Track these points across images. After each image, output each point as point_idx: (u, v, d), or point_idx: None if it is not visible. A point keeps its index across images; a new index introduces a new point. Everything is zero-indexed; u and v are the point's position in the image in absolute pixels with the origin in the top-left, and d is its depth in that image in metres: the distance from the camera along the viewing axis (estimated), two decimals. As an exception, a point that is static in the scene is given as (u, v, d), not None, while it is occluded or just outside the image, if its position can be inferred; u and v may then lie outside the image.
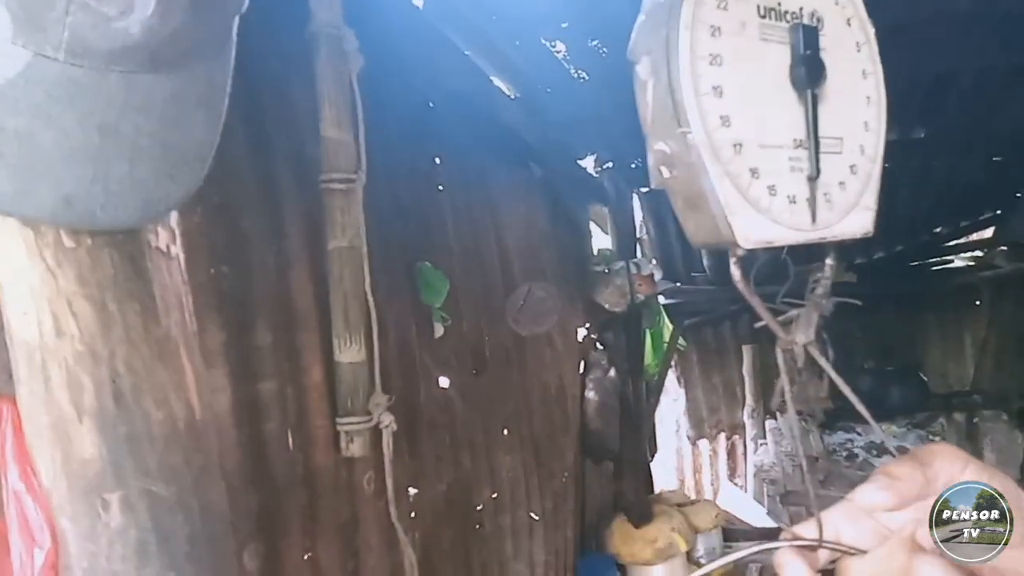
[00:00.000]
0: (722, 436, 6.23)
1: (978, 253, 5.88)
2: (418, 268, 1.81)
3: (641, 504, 3.49)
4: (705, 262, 5.24)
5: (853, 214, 0.76)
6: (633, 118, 0.66)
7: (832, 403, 5.12)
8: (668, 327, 4.13)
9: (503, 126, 2.69)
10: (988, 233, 5.74)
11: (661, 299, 4.44)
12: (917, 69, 3.03)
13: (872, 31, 0.78)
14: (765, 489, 5.19)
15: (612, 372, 3.43)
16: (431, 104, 2.16)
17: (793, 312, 0.70)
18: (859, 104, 0.77)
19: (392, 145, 1.79)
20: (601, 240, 4.14)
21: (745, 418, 6.03)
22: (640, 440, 3.71)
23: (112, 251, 0.65)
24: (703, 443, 6.18)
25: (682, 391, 6.06)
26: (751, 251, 0.65)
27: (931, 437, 5.31)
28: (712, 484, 6.17)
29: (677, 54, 0.62)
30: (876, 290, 5.09)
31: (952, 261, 5.95)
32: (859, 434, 5.36)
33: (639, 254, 4.21)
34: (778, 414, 5.54)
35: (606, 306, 3.48)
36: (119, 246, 0.65)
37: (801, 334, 0.70)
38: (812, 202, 0.70)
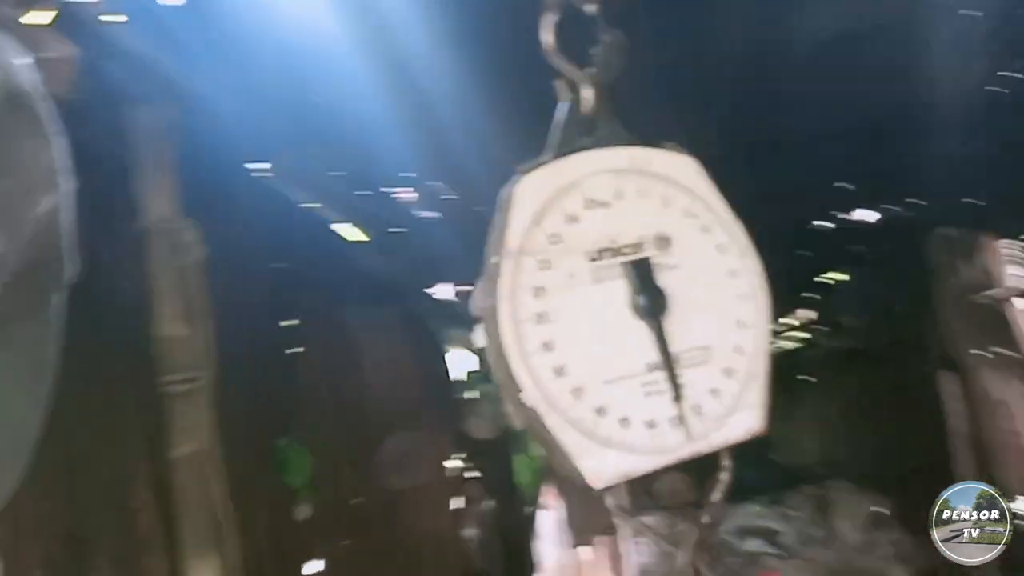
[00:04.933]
0: (605, 539, 6.21)
1: (805, 335, 6.49)
2: (278, 448, 1.70)
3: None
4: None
5: (734, 417, 0.78)
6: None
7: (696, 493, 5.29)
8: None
9: (359, 271, 2.68)
10: (811, 314, 6.37)
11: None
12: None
13: (738, 228, 0.83)
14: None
15: (491, 502, 3.35)
16: (285, 265, 2.09)
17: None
18: (729, 305, 0.81)
19: (242, 323, 1.70)
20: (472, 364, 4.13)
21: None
22: (525, 570, 3.60)
23: None
24: (584, 550, 6.11)
25: (563, 500, 6.02)
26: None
27: (792, 513, 5.61)
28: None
29: (497, 323, 0.67)
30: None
31: (779, 343, 6.51)
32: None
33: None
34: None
35: (476, 436, 3.43)
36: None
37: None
38: (683, 420, 0.73)
